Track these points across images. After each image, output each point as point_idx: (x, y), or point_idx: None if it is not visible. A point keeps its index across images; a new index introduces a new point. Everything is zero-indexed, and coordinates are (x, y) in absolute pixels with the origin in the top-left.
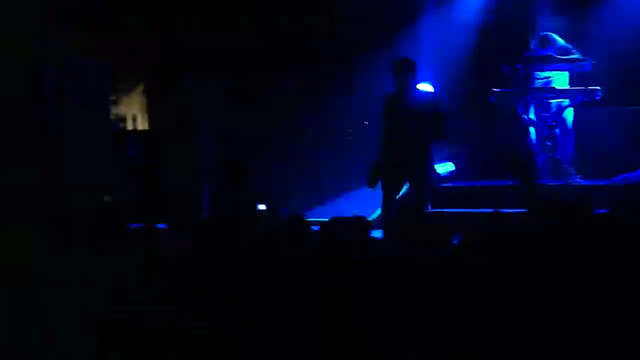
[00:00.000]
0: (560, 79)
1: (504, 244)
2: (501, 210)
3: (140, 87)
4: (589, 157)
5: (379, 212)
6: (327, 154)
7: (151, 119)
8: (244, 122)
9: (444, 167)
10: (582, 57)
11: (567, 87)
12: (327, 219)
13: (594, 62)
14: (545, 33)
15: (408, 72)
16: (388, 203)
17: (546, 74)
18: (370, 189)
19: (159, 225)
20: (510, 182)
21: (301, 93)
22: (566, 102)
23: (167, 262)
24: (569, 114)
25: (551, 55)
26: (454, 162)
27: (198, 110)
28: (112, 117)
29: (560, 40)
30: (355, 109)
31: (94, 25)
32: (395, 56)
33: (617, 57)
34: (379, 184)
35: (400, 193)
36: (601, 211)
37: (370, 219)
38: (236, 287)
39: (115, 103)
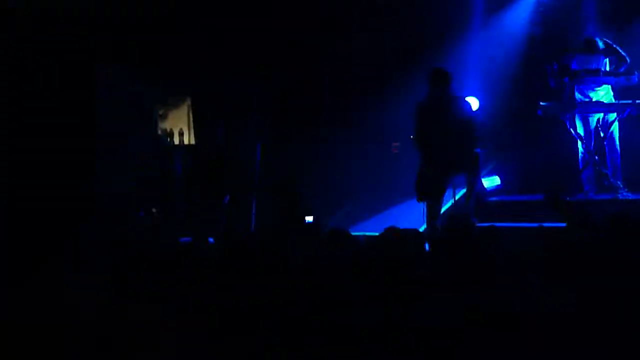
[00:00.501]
0: (606, 94)
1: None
2: (545, 224)
3: (188, 102)
4: (636, 171)
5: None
6: (374, 167)
7: (198, 134)
8: (291, 136)
9: (490, 181)
10: (629, 70)
11: (613, 100)
12: (374, 233)
13: None
14: (588, 35)
15: (442, 82)
16: (433, 216)
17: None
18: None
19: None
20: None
21: (348, 107)
22: (613, 115)
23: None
24: (615, 128)
25: (599, 69)
26: (500, 176)
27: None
28: (159, 131)
29: (600, 42)
30: (401, 122)
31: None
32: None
33: None
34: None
35: (445, 207)
36: None
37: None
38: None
39: (163, 117)
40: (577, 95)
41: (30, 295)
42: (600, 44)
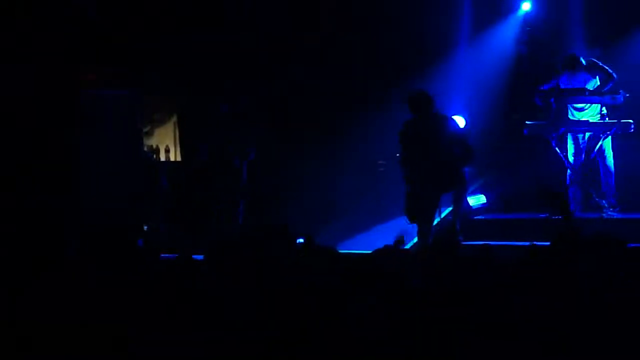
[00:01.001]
0: (593, 112)
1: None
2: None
3: (174, 119)
4: (622, 190)
5: (414, 241)
6: (360, 185)
7: (185, 150)
8: (277, 154)
9: (476, 200)
10: (614, 87)
11: (599, 119)
12: (360, 251)
13: (627, 94)
14: (571, 53)
15: (422, 105)
16: (424, 235)
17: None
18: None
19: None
20: (543, 215)
21: (334, 124)
22: (599, 134)
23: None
24: (606, 147)
25: (584, 89)
26: (485, 195)
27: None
28: (145, 148)
29: (583, 61)
30: (387, 140)
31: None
32: (412, 91)
33: None
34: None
35: (435, 222)
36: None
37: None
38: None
39: (148, 134)
40: (564, 114)
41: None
42: (584, 62)
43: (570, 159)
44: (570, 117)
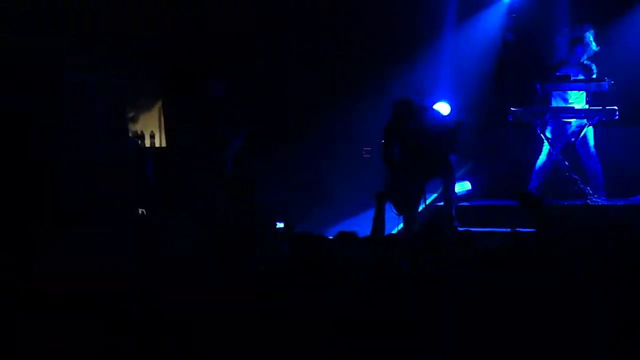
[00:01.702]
0: (578, 100)
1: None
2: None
3: (158, 104)
4: (607, 177)
5: (399, 227)
6: (345, 172)
7: (170, 135)
8: (262, 140)
9: (461, 186)
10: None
11: (585, 106)
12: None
13: (612, 82)
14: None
15: (406, 111)
16: (410, 223)
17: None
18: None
19: None
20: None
21: (319, 111)
22: (584, 121)
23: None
24: (589, 134)
25: (569, 75)
26: (470, 181)
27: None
28: (130, 134)
29: (593, 45)
30: (373, 127)
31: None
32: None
33: (632, 77)
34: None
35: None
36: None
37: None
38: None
39: (132, 120)
40: (549, 100)
41: None
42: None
43: (555, 145)
44: (557, 103)
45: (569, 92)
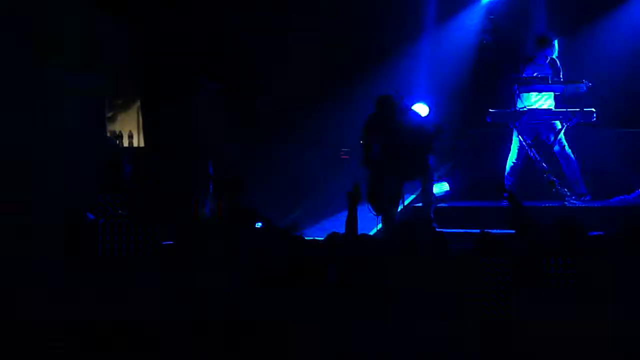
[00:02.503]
0: (548, 101)
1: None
2: (491, 231)
3: (137, 104)
4: (585, 178)
5: (378, 227)
6: (323, 173)
7: (149, 135)
8: (240, 139)
9: (439, 187)
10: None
11: (554, 107)
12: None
13: (590, 84)
14: (545, 33)
15: (392, 107)
16: (389, 223)
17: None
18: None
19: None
20: (504, 204)
21: (298, 111)
22: (559, 123)
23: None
24: (561, 136)
25: (547, 77)
26: (449, 182)
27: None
28: (107, 134)
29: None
30: (351, 128)
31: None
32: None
33: (610, 79)
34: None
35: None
36: (595, 233)
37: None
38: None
39: (111, 120)
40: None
41: None
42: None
43: (532, 147)
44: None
45: (541, 93)
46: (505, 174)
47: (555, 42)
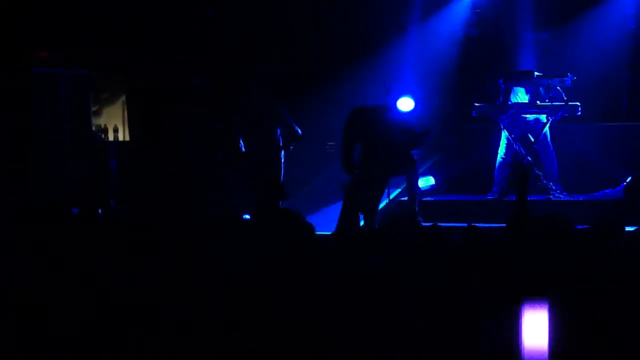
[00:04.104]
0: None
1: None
2: (477, 224)
3: (122, 98)
4: (570, 173)
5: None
6: (308, 167)
7: (135, 129)
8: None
9: (424, 181)
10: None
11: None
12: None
13: (574, 78)
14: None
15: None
16: (371, 218)
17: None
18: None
19: None
20: (491, 196)
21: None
22: (544, 118)
23: None
24: (546, 130)
25: (532, 71)
26: (435, 176)
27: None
28: (93, 128)
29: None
30: (337, 122)
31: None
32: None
33: (594, 73)
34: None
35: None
36: (581, 227)
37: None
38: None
39: (96, 114)
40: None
41: None
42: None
43: (518, 141)
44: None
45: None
46: (495, 169)
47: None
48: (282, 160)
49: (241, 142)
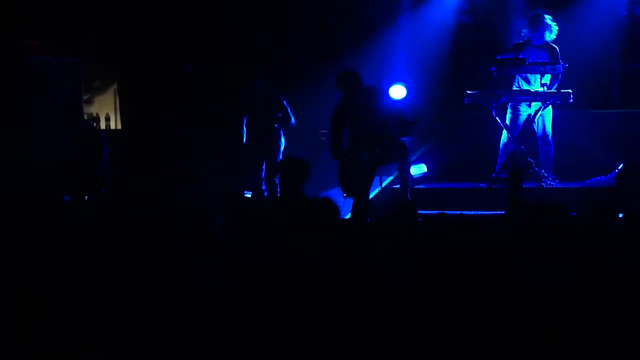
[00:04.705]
0: (537, 82)
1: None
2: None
3: (114, 86)
4: (562, 160)
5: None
6: (302, 154)
7: (126, 117)
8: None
9: (417, 169)
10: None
11: (540, 89)
12: None
13: (566, 65)
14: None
15: (351, 82)
16: (361, 208)
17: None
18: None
19: None
20: (483, 185)
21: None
22: (539, 104)
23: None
24: (546, 116)
25: (524, 59)
26: (427, 164)
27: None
28: (85, 116)
29: (552, 26)
30: (329, 110)
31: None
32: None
33: (587, 59)
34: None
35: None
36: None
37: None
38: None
39: (88, 102)
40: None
41: None
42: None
43: (510, 128)
44: (517, 87)
45: (529, 75)
46: (499, 152)
47: (549, 18)
48: (282, 145)
49: (244, 124)
